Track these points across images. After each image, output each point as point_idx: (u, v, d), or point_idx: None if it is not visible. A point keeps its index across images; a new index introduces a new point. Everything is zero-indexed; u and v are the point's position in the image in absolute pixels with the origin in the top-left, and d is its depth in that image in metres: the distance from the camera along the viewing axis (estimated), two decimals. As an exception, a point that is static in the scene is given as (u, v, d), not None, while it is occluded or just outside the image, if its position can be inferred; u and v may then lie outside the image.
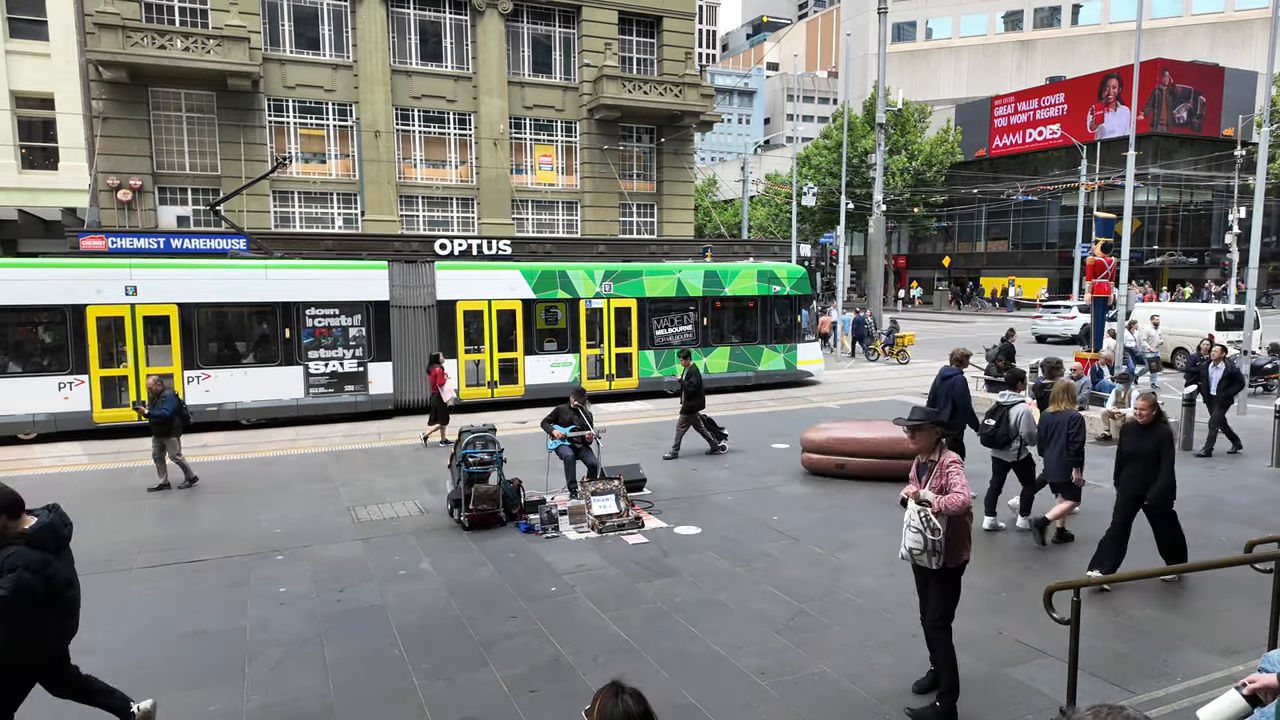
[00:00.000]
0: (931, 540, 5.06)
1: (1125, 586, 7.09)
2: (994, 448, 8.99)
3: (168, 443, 10.94)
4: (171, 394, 11.11)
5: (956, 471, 5.12)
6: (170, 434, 10.92)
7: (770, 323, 20.57)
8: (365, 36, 26.60)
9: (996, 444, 8.91)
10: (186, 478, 11.17)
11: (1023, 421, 8.69)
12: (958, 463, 5.19)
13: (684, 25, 31.23)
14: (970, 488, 5.21)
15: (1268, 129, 18.25)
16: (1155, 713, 5.13)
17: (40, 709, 4.88)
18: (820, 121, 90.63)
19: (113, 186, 24.14)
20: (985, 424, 8.91)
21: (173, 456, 11.01)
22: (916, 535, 5.12)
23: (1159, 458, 7.18)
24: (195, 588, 7.51)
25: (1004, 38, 67.73)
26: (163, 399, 10.87)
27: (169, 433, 10.90)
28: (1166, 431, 7.30)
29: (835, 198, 43.24)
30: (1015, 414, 8.73)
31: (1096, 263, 15.85)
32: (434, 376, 13.89)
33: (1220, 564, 6.63)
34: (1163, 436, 7.24)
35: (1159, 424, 7.29)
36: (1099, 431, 13.73)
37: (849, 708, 5.34)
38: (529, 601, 7.09)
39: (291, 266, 16.32)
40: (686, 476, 11.53)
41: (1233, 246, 39.30)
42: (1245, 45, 58.94)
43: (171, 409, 10.87)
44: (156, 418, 10.82)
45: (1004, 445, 8.85)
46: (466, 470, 9.21)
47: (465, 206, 29.22)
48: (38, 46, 23.23)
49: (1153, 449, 7.18)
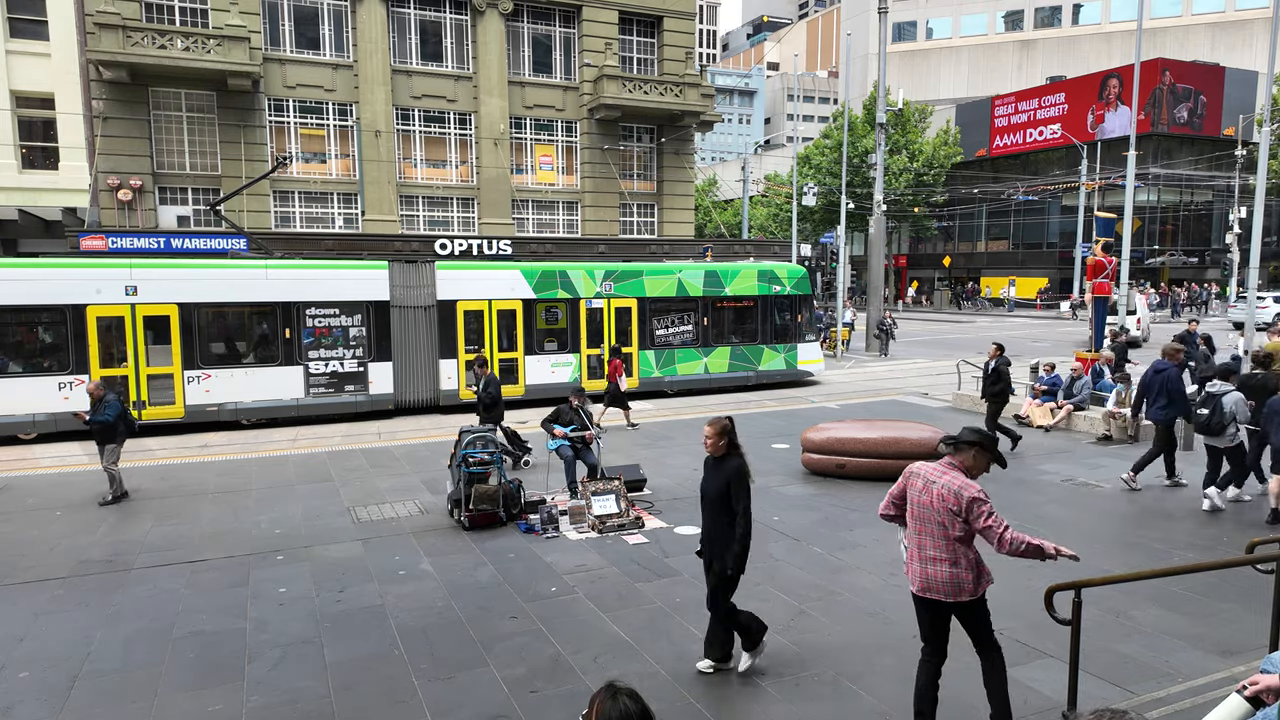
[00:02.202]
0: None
1: (1126, 587, 7.08)
2: (1208, 435, 9.42)
3: (107, 450, 10.28)
4: (115, 400, 10.44)
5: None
6: (112, 441, 10.29)
7: (770, 322, 20.57)
8: (365, 36, 26.60)
9: (1211, 432, 9.34)
10: (112, 492, 10.36)
11: (1239, 409, 9.16)
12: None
13: (684, 25, 31.22)
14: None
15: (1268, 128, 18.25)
16: (1156, 713, 5.12)
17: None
18: (820, 121, 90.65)
19: (113, 186, 24.14)
20: (1199, 414, 9.38)
21: (109, 465, 10.32)
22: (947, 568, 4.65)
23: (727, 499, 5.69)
24: (195, 588, 7.50)
25: (1004, 38, 67.73)
26: (105, 404, 10.23)
27: (111, 439, 10.27)
28: (736, 466, 5.73)
29: (835, 198, 43.23)
30: (1229, 402, 9.17)
31: (1097, 262, 15.85)
32: (613, 368, 15.04)
33: (1221, 565, 6.63)
34: (731, 473, 5.70)
35: (730, 458, 5.75)
36: (1099, 432, 13.73)
37: (849, 709, 5.33)
38: (529, 602, 7.08)
39: (292, 266, 16.32)
40: (687, 477, 11.52)
41: (1233, 246, 39.33)
42: (1245, 45, 58.94)
43: (115, 414, 10.26)
44: (98, 424, 10.19)
45: (1219, 432, 9.29)
46: (466, 470, 9.21)
47: (465, 206, 29.22)
48: (38, 46, 23.23)
49: (720, 488, 5.72)
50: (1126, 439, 13.41)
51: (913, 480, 4.81)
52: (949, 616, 4.78)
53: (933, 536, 4.64)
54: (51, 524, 9.51)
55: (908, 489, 4.83)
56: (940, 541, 4.61)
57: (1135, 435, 13.46)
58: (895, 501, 4.95)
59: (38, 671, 5.91)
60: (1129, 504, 9.95)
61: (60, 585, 7.60)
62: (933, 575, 4.64)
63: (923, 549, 4.68)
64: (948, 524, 4.57)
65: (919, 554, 4.70)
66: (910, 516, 4.79)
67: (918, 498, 4.72)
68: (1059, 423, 14.39)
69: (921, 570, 4.69)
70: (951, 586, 4.61)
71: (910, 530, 4.79)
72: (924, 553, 4.68)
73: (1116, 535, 8.70)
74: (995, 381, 12.96)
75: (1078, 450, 12.92)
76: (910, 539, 4.80)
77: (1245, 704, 3.22)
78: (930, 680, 4.85)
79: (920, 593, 4.71)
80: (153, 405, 14.92)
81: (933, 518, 4.63)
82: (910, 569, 4.80)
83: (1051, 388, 14.93)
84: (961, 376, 18.13)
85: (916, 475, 4.80)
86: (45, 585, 7.59)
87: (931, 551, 4.65)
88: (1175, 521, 9.26)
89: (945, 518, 4.57)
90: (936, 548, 4.63)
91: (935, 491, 4.63)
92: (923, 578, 4.68)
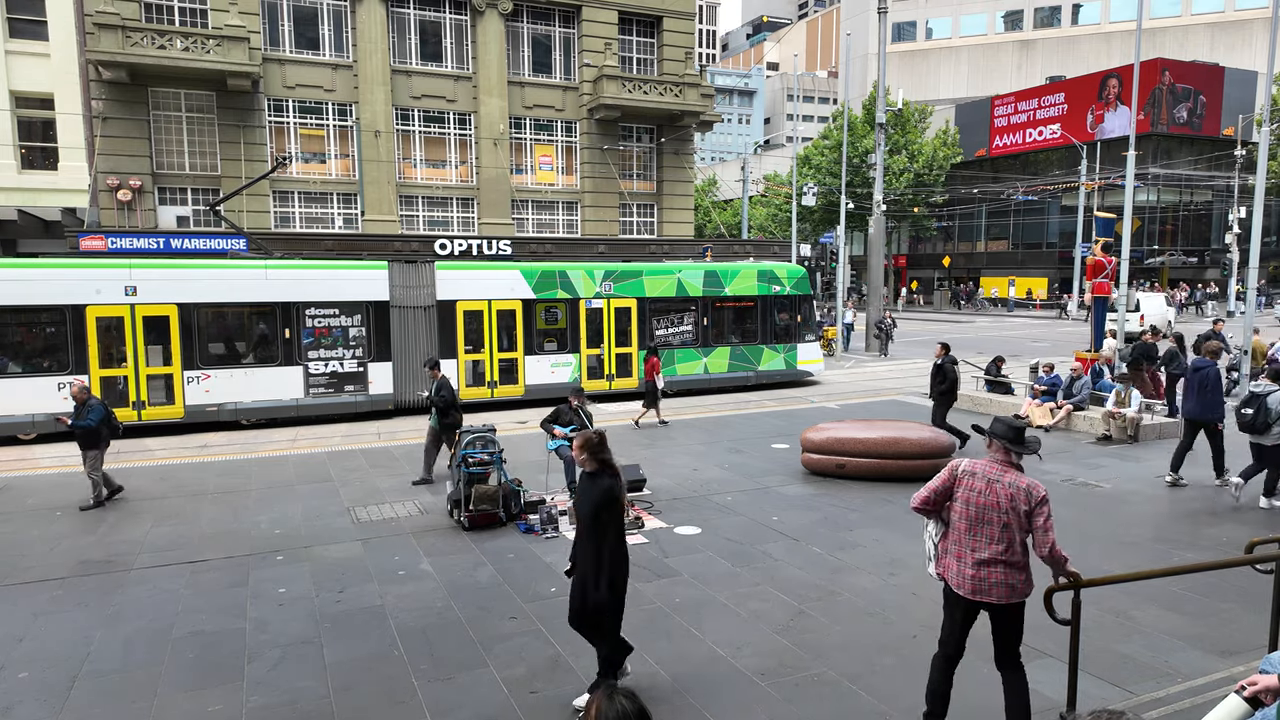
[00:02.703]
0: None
1: (1126, 587, 7.07)
2: (1252, 434, 9.49)
3: (89, 456, 9.97)
4: (98, 403, 10.11)
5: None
6: (96, 446, 9.98)
7: (770, 323, 20.57)
8: (365, 36, 26.60)
9: (1256, 430, 9.41)
10: (94, 497, 10.07)
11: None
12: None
13: (684, 25, 31.23)
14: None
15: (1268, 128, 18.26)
16: (1156, 713, 5.12)
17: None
18: (820, 121, 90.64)
19: (112, 186, 24.14)
20: (1243, 413, 9.42)
21: (90, 472, 10.01)
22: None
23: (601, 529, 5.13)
24: (195, 588, 7.50)
25: (1004, 38, 67.75)
26: (88, 408, 9.91)
27: (94, 445, 9.96)
28: (607, 488, 5.19)
29: (835, 198, 43.23)
30: (1274, 401, 9.24)
31: (1097, 262, 15.86)
32: (650, 366, 15.46)
33: (1221, 565, 6.63)
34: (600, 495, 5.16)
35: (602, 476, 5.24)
36: (1099, 432, 13.74)
37: (849, 709, 5.33)
38: (529, 602, 7.08)
39: (291, 267, 16.32)
40: (687, 477, 11.53)
41: (1233, 246, 39.35)
42: (1245, 45, 58.96)
43: (98, 419, 9.94)
44: (81, 429, 9.85)
45: (1263, 431, 9.36)
46: (466, 471, 9.22)
47: (465, 206, 29.22)
48: (38, 46, 23.23)
49: (588, 511, 5.18)
50: (1126, 439, 13.42)
51: (969, 480, 4.57)
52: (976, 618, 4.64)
53: (990, 538, 4.43)
54: (51, 524, 9.51)
55: (958, 487, 4.60)
56: (1000, 544, 4.41)
57: (1135, 435, 13.47)
58: (937, 497, 4.68)
59: (38, 671, 5.91)
60: (1129, 504, 9.95)
61: (60, 585, 7.60)
62: (986, 578, 4.44)
63: (975, 550, 4.45)
64: (1014, 523, 4.39)
65: (970, 556, 4.47)
66: (960, 516, 4.56)
67: (978, 498, 4.49)
68: (1059, 423, 14.39)
69: (973, 573, 4.46)
70: (1007, 589, 4.44)
71: (958, 531, 4.56)
72: (976, 555, 4.45)
73: (1116, 535, 8.70)
74: (941, 380, 13.11)
75: (1077, 450, 12.93)
76: (955, 540, 4.58)
77: (1244, 704, 3.22)
78: (946, 677, 4.74)
79: (970, 595, 4.48)
80: (152, 405, 14.92)
81: (996, 518, 4.42)
82: (951, 570, 4.58)
83: (1051, 388, 14.93)
84: (961, 377, 18.12)
85: (974, 475, 4.57)
86: (45, 585, 7.59)
87: (986, 553, 4.43)
88: (1175, 521, 9.26)
89: (1012, 517, 4.39)
90: (994, 549, 4.42)
91: (1002, 491, 4.43)
92: (974, 580, 4.45)
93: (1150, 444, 13.27)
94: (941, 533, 4.75)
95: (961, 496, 4.58)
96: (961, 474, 4.63)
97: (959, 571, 4.55)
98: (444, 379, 11.49)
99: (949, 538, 4.63)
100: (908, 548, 8.38)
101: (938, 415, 13.07)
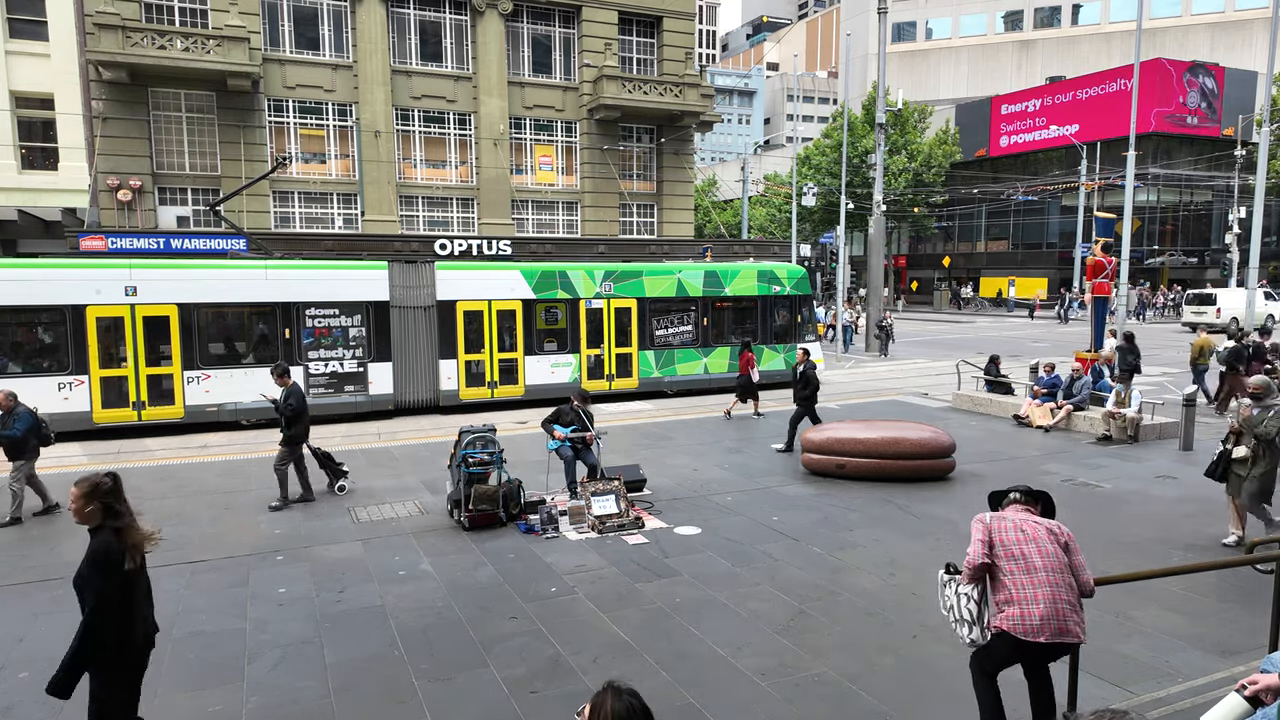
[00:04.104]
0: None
1: (1126, 587, 7.07)
2: None
3: (16, 466, 9.48)
4: (26, 411, 9.60)
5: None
6: (22, 456, 9.48)
7: (770, 323, 20.57)
8: (365, 37, 26.61)
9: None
10: (11, 511, 9.48)
11: None
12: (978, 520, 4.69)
13: (684, 25, 31.23)
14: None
15: (1268, 128, 18.25)
16: (1156, 713, 5.12)
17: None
18: (820, 121, 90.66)
19: (113, 187, 24.14)
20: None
21: (13, 483, 9.50)
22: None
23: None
24: (195, 588, 7.50)
25: (1004, 38, 67.76)
26: (15, 416, 9.46)
27: (20, 455, 9.46)
28: (102, 544, 3.99)
29: (835, 198, 43.24)
30: None
31: (1097, 263, 15.85)
32: (745, 360, 16.30)
33: (1221, 565, 6.63)
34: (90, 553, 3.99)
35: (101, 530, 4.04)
36: (1099, 432, 13.74)
37: (849, 709, 5.33)
38: (529, 602, 7.08)
39: (291, 267, 16.32)
40: (687, 477, 11.53)
41: (1233, 246, 39.36)
42: (1245, 45, 58.96)
43: (25, 428, 9.47)
44: (5, 439, 9.43)
45: None
46: (466, 471, 9.21)
47: (465, 207, 29.22)
48: (38, 47, 23.23)
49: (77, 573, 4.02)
50: (1126, 439, 13.42)
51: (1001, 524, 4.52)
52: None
53: (1067, 586, 4.37)
54: (51, 524, 9.51)
55: (996, 536, 4.50)
56: (1071, 589, 4.38)
57: (1135, 435, 13.47)
58: (985, 550, 4.49)
59: (38, 671, 5.90)
60: (1129, 504, 9.95)
61: (60, 585, 7.59)
62: (1069, 616, 4.34)
63: (1056, 601, 4.31)
64: (1059, 557, 4.40)
65: (1051, 601, 4.31)
66: (1012, 564, 4.41)
67: (1021, 543, 4.43)
68: (1059, 423, 14.39)
69: (1052, 613, 4.30)
70: (1082, 626, 4.39)
71: (1016, 578, 4.38)
72: (1057, 606, 4.31)
73: (1116, 535, 8.70)
74: (804, 386, 13.25)
75: (1078, 450, 12.92)
76: (1016, 586, 4.37)
77: (1244, 703, 3.22)
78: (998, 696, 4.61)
79: (1051, 639, 4.31)
80: (152, 406, 14.92)
81: (1044, 561, 4.38)
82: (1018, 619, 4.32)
83: (1051, 388, 14.93)
84: (961, 377, 18.14)
85: (1003, 519, 4.56)
86: (45, 585, 7.59)
87: (1066, 594, 4.35)
88: (1175, 521, 9.25)
89: (1057, 549, 4.41)
90: (1071, 592, 4.38)
91: (1040, 528, 4.47)
92: (1057, 623, 4.30)
93: (1150, 444, 13.27)
94: (978, 590, 4.57)
95: (1002, 541, 4.47)
96: (992, 521, 4.56)
97: (1031, 615, 4.32)
98: (294, 386, 10.58)
99: (1004, 590, 4.43)
100: (908, 548, 8.39)
101: (796, 418, 13.19)
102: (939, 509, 9.73)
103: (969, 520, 4.75)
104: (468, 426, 9.81)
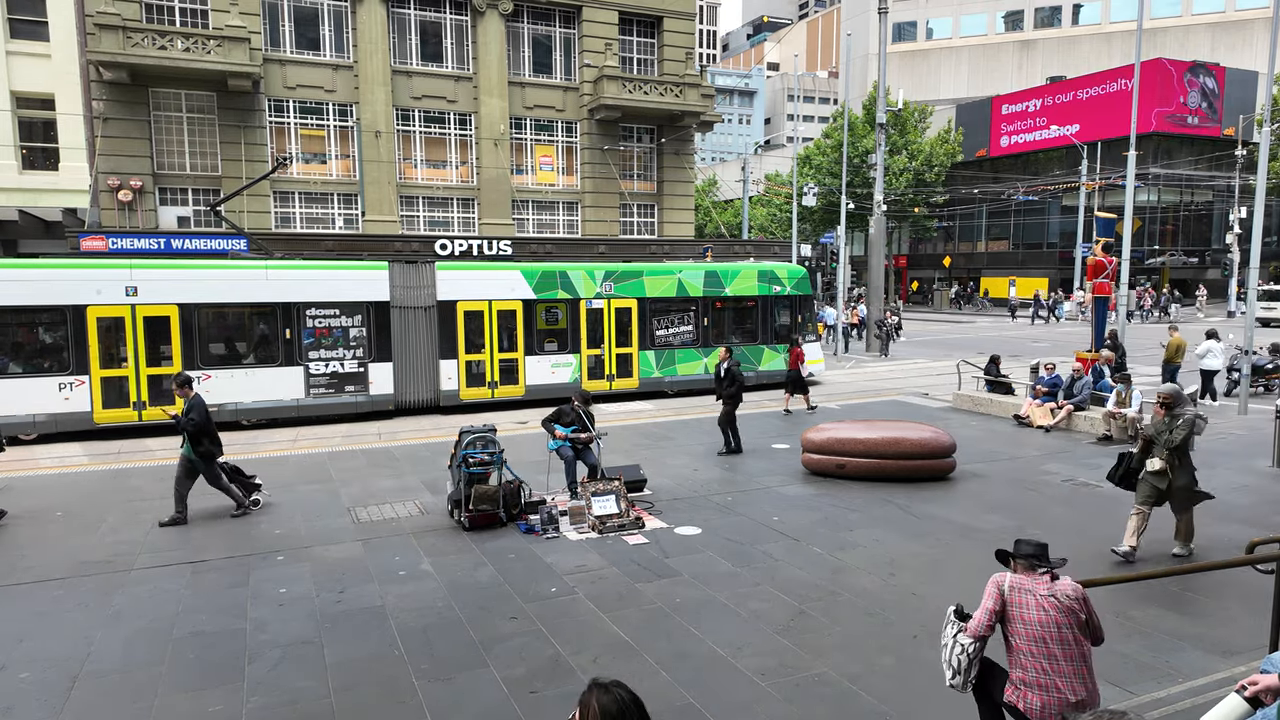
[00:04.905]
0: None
1: (1126, 587, 7.08)
2: None
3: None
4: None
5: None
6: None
7: (771, 323, 20.57)
8: (365, 37, 26.61)
9: None
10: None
11: None
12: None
13: (684, 25, 31.23)
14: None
15: (1268, 128, 18.23)
16: (1157, 713, 5.12)
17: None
18: (820, 121, 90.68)
19: (113, 187, 24.15)
20: None
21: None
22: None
23: None
24: (195, 588, 7.50)
25: (1004, 38, 67.73)
26: None
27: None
28: None
29: (835, 198, 43.22)
30: None
31: (1097, 263, 15.85)
32: (795, 355, 16.82)
33: (1221, 565, 6.63)
34: None
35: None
36: (1099, 432, 13.73)
37: (849, 709, 5.33)
38: (529, 602, 7.08)
39: (292, 267, 16.33)
40: (687, 477, 11.53)
41: (1233, 246, 39.36)
42: (1245, 45, 58.94)
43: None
44: None
45: None
46: (466, 471, 9.21)
47: (465, 207, 29.22)
48: (38, 47, 23.24)
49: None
50: (1127, 439, 13.40)
51: (1018, 597, 4.25)
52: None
53: (1070, 659, 4.12)
54: (51, 524, 9.52)
55: (1011, 606, 4.25)
56: (1077, 662, 4.12)
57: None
58: (992, 619, 4.30)
59: (38, 672, 5.91)
60: (1129, 504, 9.92)
61: (60, 585, 7.60)
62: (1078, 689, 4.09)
63: (1075, 692, 4.08)
64: (1076, 639, 4.14)
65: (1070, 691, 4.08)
66: (1027, 640, 4.18)
67: (1065, 634, 4.12)
68: (1059, 423, 14.39)
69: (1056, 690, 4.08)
70: (1098, 698, 4.16)
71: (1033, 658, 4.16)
72: (1054, 679, 4.09)
73: (1117, 535, 8.69)
74: (730, 384, 13.18)
75: (1078, 451, 12.92)
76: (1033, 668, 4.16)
77: (1245, 704, 3.22)
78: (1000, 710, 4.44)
79: (1066, 711, 4.07)
80: (153, 406, 14.92)
81: (1078, 654, 4.13)
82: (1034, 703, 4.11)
83: (1052, 388, 14.93)
84: (961, 377, 18.14)
85: (1020, 590, 4.25)
86: (45, 585, 7.60)
87: (1065, 665, 4.10)
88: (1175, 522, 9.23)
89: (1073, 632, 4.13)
90: (1072, 665, 4.12)
91: (1057, 606, 4.13)
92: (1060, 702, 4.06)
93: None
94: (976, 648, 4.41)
95: (1023, 619, 4.23)
96: (1010, 592, 4.29)
97: (1050, 704, 4.11)
98: (196, 399, 9.43)
99: (1023, 670, 4.21)
100: (908, 548, 8.38)
101: (724, 417, 13.10)
102: (939, 509, 9.72)
103: (969, 520, 4.76)
104: (468, 427, 9.80)
